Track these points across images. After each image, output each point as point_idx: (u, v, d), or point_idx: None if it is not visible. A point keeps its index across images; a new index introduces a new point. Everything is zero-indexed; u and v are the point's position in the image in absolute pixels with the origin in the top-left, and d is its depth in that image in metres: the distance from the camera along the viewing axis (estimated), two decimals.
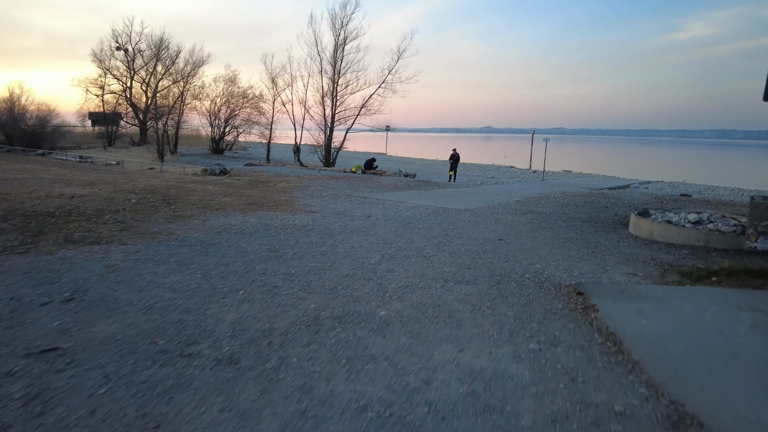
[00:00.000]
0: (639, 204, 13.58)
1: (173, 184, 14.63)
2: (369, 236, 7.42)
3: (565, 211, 11.52)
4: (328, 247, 6.49)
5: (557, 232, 8.52)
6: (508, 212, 10.95)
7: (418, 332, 3.63)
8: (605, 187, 21.85)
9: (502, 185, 20.21)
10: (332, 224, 8.37)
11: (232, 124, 44.08)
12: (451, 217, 9.82)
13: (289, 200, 11.47)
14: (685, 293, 4.47)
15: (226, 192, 12.76)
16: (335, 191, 14.16)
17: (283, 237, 7.08)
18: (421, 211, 10.62)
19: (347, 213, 9.77)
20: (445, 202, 12.26)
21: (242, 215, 8.93)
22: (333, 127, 27.94)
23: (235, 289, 4.58)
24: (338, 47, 27.49)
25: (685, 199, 15.86)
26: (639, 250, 7.28)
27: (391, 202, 12.02)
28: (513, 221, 9.64)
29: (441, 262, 5.92)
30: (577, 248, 7.20)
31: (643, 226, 8.25)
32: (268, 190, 13.95)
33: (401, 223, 8.82)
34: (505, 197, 14.30)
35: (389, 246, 6.76)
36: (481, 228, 8.68)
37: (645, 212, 9.31)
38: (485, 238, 7.67)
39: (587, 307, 4.23)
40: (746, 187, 28.51)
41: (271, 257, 5.85)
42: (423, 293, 4.61)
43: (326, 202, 11.47)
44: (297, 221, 8.50)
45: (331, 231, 7.74)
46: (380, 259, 5.94)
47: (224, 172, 21.68)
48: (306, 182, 16.79)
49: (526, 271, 5.65)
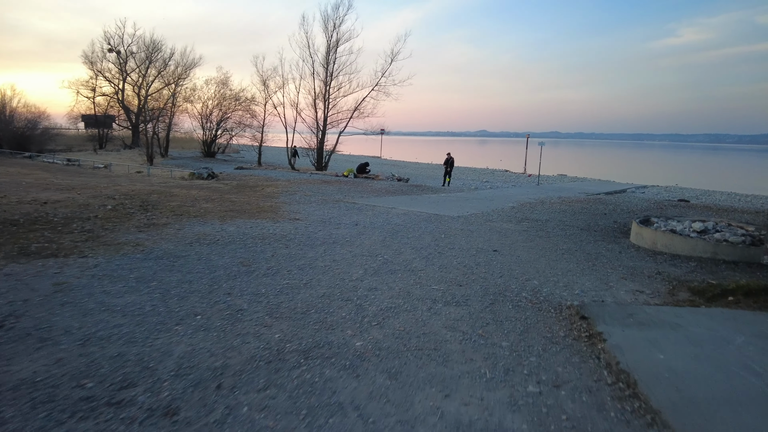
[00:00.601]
0: (638, 210, 13.12)
1: (157, 188, 14.05)
2: (354, 247, 6.88)
3: (562, 218, 11.03)
4: (307, 261, 5.95)
5: (555, 242, 8.02)
6: (502, 219, 10.45)
7: (398, 370, 3.09)
8: (601, 191, 21.44)
9: (497, 190, 19.73)
10: (316, 233, 7.83)
11: (224, 127, 43.51)
12: (443, 225, 9.30)
13: (274, 206, 10.92)
14: (703, 318, 3.96)
15: (209, 197, 12.20)
16: (324, 196, 13.62)
17: (260, 248, 6.53)
18: (411, 218, 10.10)
19: (333, 221, 9.23)
20: (438, 209, 11.75)
21: (220, 223, 8.38)
22: (325, 130, 27.42)
23: (194, 312, 4.03)
24: (331, 49, 27.01)
25: (685, 204, 15.42)
26: (643, 262, 6.78)
27: (381, 208, 11.50)
28: (508, 229, 9.14)
29: (429, 278, 5.39)
30: (577, 261, 6.69)
31: (646, 236, 7.76)
32: (254, 195, 13.39)
33: (390, 232, 8.29)
34: (499, 203, 13.81)
35: (375, 259, 6.23)
36: (475, 237, 8.16)
37: (647, 220, 8.83)
38: (478, 249, 7.16)
39: (592, 335, 3.72)
40: (742, 191, 28.21)
41: (242, 273, 5.30)
42: (407, 318, 4.08)
43: (313, 208, 10.93)
44: (278, 230, 7.96)
45: (313, 241, 7.20)
46: (363, 275, 5.40)
47: (212, 176, 21.11)
48: (295, 187, 16.24)
49: (522, 289, 5.13)
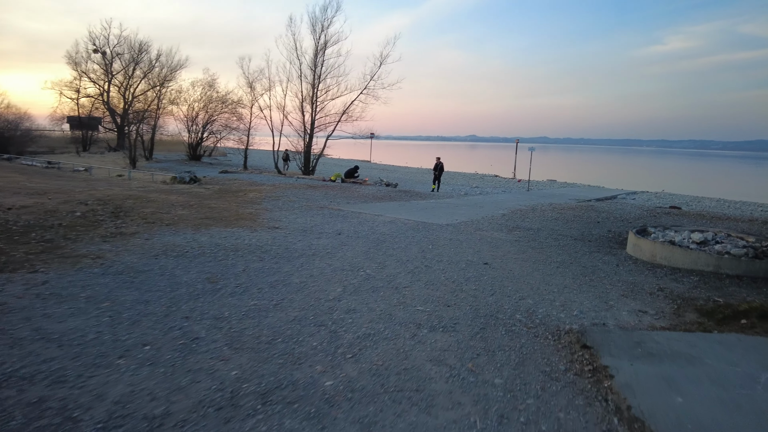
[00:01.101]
0: (631, 218, 12.79)
1: (134, 193, 13.43)
2: (334, 260, 6.39)
3: (554, 226, 10.64)
4: (281, 276, 5.44)
5: (548, 254, 7.60)
6: (493, 228, 10.02)
7: (372, 420, 2.60)
8: (592, 198, 21.17)
9: (487, 196, 19.35)
10: (294, 244, 7.31)
11: (210, 130, 42.77)
12: (431, 235, 8.84)
13: (254, 213, 10.39)
14: (719, 347, 3.54)
15: (187, 203, 11.62)
16: (308, 202, 13.10)
17: (231, 262, 6.01)
18: (398, 226, 9.63)
19: (315, 229, 8.72)
20: (426, 216, 11.29)
21: (193, 232, 7.83)
22: (313, 134, 26.88)
23: (143, 342, 3.50)
24: (319, 51, 26.50)
25: (677, 212, 15.16)
26: (642, 276, 6.37)
27: (367, 215, 11.01)
28: (499, 239, 8.71)
29: (415, 297, 4.91)
30: (573, 275, 6.26)
31: (644, 248, 7.37)
32: (235, 200, 12.83)
33: (375, 242, 7.81)
34: (489, 210, 13.40)
35: (356, 273, 5.74)
36: (464, 248, 7.71)
37: (644, 230, 8.46)
38: (468, 262, 6.70)
39: (597, 368, 3.27)
40: (730, 198, 28.21)
41: (207, 291, 4.78)
42: (387, 348, 3.59)
43: (295, 215, 10.41)
44: (254, 240, 7.44)
45: (291, 253, 6.68)
46: (341, 293, 4.90)
47: (194, 180, 20.47)
48: (279, 192, 15.69)
49: (516, 310, 4.68)
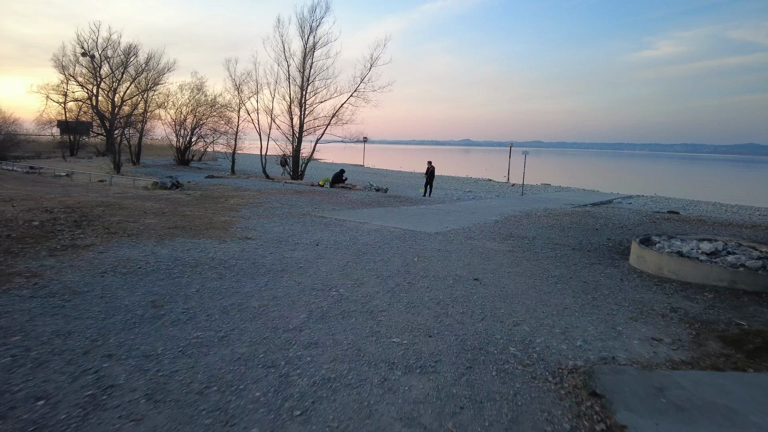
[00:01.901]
0: (630, 225, 12.16)
1: (109, 200, 12.67)
2: (305, 277, 5.67)
3: (550, 234, 9.97)
4: (238, 299, 4.71)
5: (545, 266, 6.92)
6: (485, 236, 9.34)
7: None
8: (588, 203, 20.60)
9: (480, 201, 18.71)
10: (264, 257, 6.59)
11: (198, 134, 41.95)
12: (418, 245, 8.15)
13: (229, 221, 9.65)
14: (760, 394, 2.85)
15: (161, 210, 10.87)
16: (291, 209, 12.38)
17: (186, 280, 5.28)
18: (383, 235, 8.92)
19: (291, 239, 8.00)
20: (414, 223, 10.60)
21: (155, 244, 7.09)
22: (301, 138, 26.17)
23: (38, 394, 2.76)
24: (307, 53, 25.85)
25: (677, 217, 14.57)
26: (650, 293, 5.70)
27: (351, 223, 10.30)
28: (491, 249, 8.02)
29: (392, 324, 4.20)
30: (573, 292, 5.58)
31: (650, 260, 6.71)
32: (214, 207, 12.09)
33: (355, 254, 7.10)
34: (482, 216, 12.73)
35: (327, 294, 5.02)
36: (453, 260, 7.02)
37: (647, 239, 7.81)
38: (457, 278, 6.00)
39: (611, 428, 2.57)
40: (725, 201, 27.77)
41: (146, 319, 4.05)
42: (348, 399, 2.87)
43: (273, 224, 9.68)
44: (220, 253, 6.70)
45: (257, 268, 5.96)
46: (305, 321, 4.18)
47: (176, 186, 19.69)
48: (263, 198, 14.96)
49: (510, 340, 3.98)
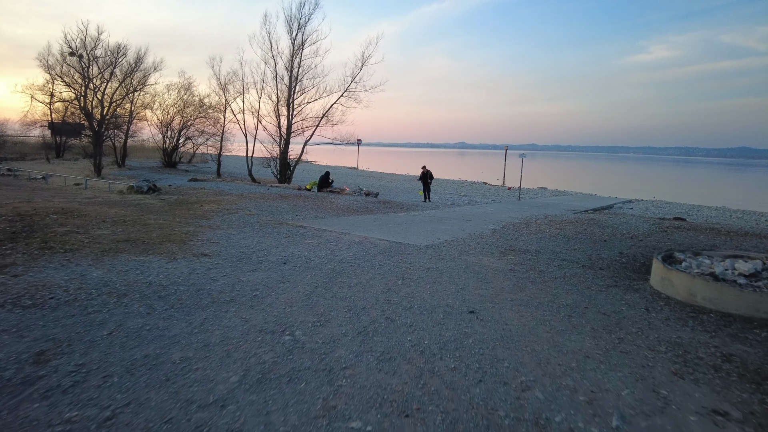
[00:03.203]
0: (639, 234, 11.09)
1: (71, 206, 11.48)
2: (256, 311, 4.52)
3: (555, 247, 8.87)
4: (156, 348, 3.56)
5: (554, 291, 5.81)
6: (482, 250, 8.23)
7: None
8: (589, 208, 19.58)
9: (476, 206, 17.62)
10: (214, 282, 5.43)
11: (186, 136, 40.73)
12: (404, 261, 7.02)
13: (192, 232, 8.49)
14: None
15: (122, 219, 9.70)
16: (268, 217, 11.23)
17: (103, 317, 4.12)
18: (366, 249, 7.80)
19: (255, 256, 6.85)
20: (403, 234, 9.47)
21: (91, 263, 5.92)
22: (289, 139, 25.01)
23: None
24: (296, 51, 24.73)
25: (687, 225, 13.52)
26: (688, 331, 4.59)
27: (331, 234, 9.16)
28: (489, 268, 6.90)
29: (354, 394, 3.06)
30: (593, 330, 4.47)
31: (678, 283, 5.61)
32: (184, 214, 10.92)
33: (328, 276, 5.96)
34: (478, 224, 11.63)
35: (277, 339, 3.88)
36: (444, 283, 5.89)
37: (670, 257, 6.72)
38: (448, 309, 4.88)
39: None
40: (727, 205, 26.88)
41: (10, 386, 2.89)
42: None
43: (242, 235, 8.53)
44: (163, 276, 5.54)
45: (200, 298, 4.80)
46: (234, 388, 3.03)
47: (153, 190, 18.47)
48: (242, 203, 13.80)
49: (519, 420, 2.84)
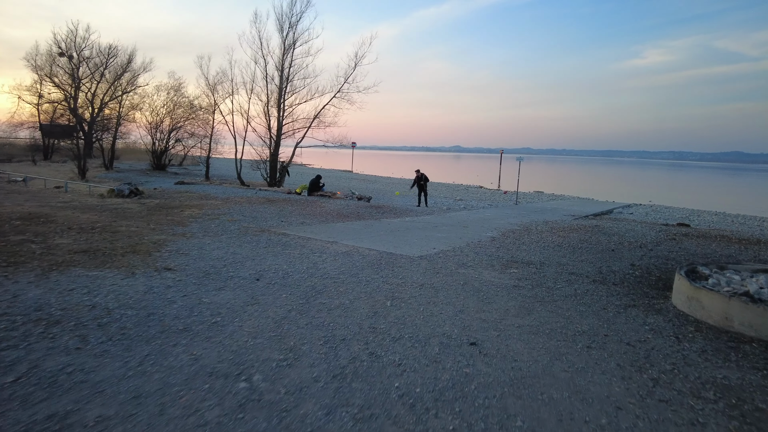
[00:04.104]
0: (648, 242, 10.37)
1: (41, 210, 10.67)
2: (212, 344, 3.73)
3: (561, 258, 8.13)
4: (70, 404, 2.75)
5: (566, 313, 5.05)
6: (481, 262, 7.47)
7: None
8: (588, 213, 18.90)
9: (472, 211, 16.88)
10: (171, 304, 4.63)
11: (176, 137, 39.81)
12: (395, 276, 6.25)
13: (162, 241, 7.69)
14: None
15: (91, 225, 8.89)
16: (251, 223, 10.43)
17: (16, 355, 3.31)
18: (353, 261, 7.02)
19: (226, 271, 6.05)
20: (395, 243, 8.70)
21: (33, 279, 5.11)
22: (279, 141, 24.21)
23: None
24: (287, 51, 23.95)
25: (696, 233, 12.83)
26: (734, 369, 3.83)
27: (316, 243, 8.38)
28: (491, 284, 6.14)
29: None
30: (619, 368, 3.71)
31: (710, 305, 4.87)
32: (160, 220, 10.10)
33: (305, 296, 5.18)
34: (476, 231, 10.88)
35: (229, 387, 3.09)
36: (440, 305, 5.12)
37: (693, 271, 5.99)
38: (445, 339, 4.10)
39: None
40: (726, 210, 26.32)
41: None
42: None
43: (217, 245, 7.73)
44: (112, 296, 4.74)
45: (148, 326, 4.01)
46: None
47: (135, 194, 17.61)
48: (225, 208, 12.99)
49: None
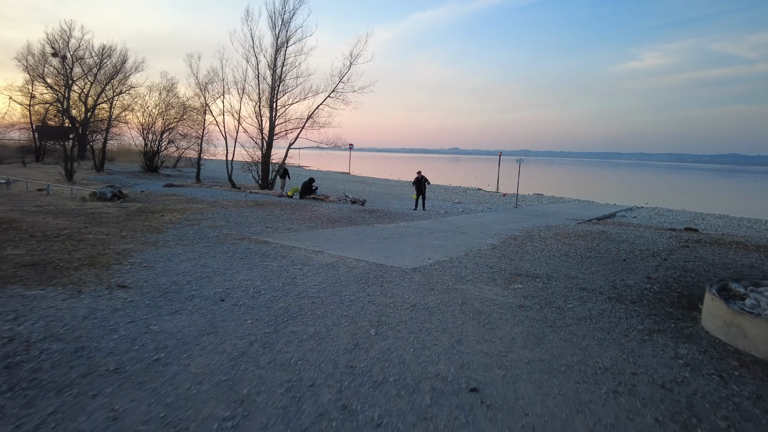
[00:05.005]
0: (660, 250, 9.62)
1: (10, 215, 9.97)
2: (145, 394, 2.95)
3: (569, 270, 7.36)
4: None
5: (583, 343, 4.28)
6: (482, 276, 6.70)
7: None
8: (592, 217, 18.17)
9: (471, 215, 16.12)
10: (110, 334, 3.85)
11: (169, 138, 39.02)
12: (383, 294, 5.47)
13: (128, 251, 6.91)
14: None
15: (59, 232, 8.13)
16: (232, 230, 9.65)
17: None
18: (338, 275, 6.24)
19: (189, 288, 5.27)
20: (386, 252, 7.92)
21: None
22: (272, 142, 23.45)
23: None
24: (279, 49, 23.22)
25: (708, 239, 12.08)
26: None
27: (299, 253, 7.60)
28: (493, 303, 5.37)
29: None
30: (657, 424, 2.93)
31: (755, 334, 4.11)
32: (136, 226, 9.32)
33: (275, 322, 4.40)
34: (475, 238, 10.11)
35: None
36: (434, 332, 4.35)
37: (725, 288, 5.23)
38: (438, 383, 3.33)
39: None
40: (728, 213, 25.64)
41: None
42: None
43: (187, 256, 6.95)
44: (41, 324, 3.95)
45: (71, 367, 3.22)
46: None
47: (117, 197, 16.81)
48: (209, 213, 12.21)
49: None
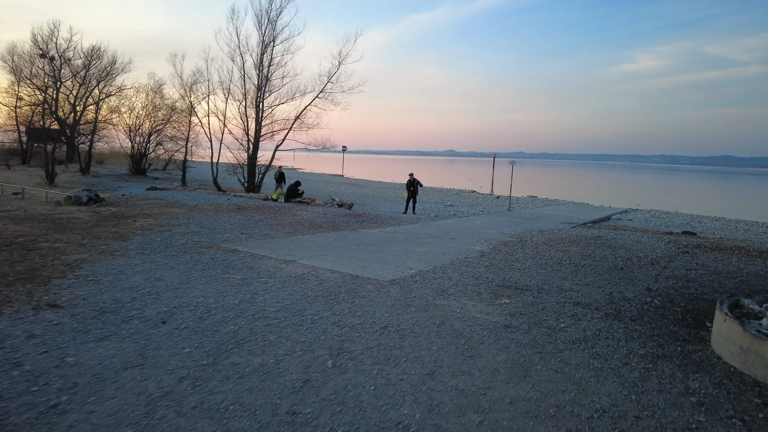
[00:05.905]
0: (659, 257, 9.05)
1: None
2: None
3: (562, 282, 6.76)
4: None
5: (576, 373, 3.68)
6: (466, 288, 6.09)
7: None
8: (587, 221, 17.62)
9: (462, 219, 15.53)
10: (15, 367, 3.20)
11: (156, 141, 38.26)
12: (352, 314, 4.85)
13: (78, 263, 6.25)
14: None
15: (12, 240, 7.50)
16: (202, 237, 9.01)
17: None
18: (305, 289, 5.61)
19: (130, 307, 4.62)
20: (365, 262, 7.30)
21: None
22: (258, 144, 22.80)
23: None
24: (266, 48, 22.60)
25: (709, 244, 11.54)
26: None
27: (268, 263, 6.97)
28: (475, 323, 4.76)
29: None
30: None
31: None
32: (100, 234, 8.66)
33: (216, 350, 3.77)
34: (463, 244, 9.51)
35: None
36: (403, 362, 3.73)
37: (736, 305, 4.64)
38: None
39: None
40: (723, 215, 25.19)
41: None
42: None
43: (142, 267, 6.30)
44: None
45: None
46: None
47: (94, 200, 16.09)
48: (185, 218, 11.55)
49: None
